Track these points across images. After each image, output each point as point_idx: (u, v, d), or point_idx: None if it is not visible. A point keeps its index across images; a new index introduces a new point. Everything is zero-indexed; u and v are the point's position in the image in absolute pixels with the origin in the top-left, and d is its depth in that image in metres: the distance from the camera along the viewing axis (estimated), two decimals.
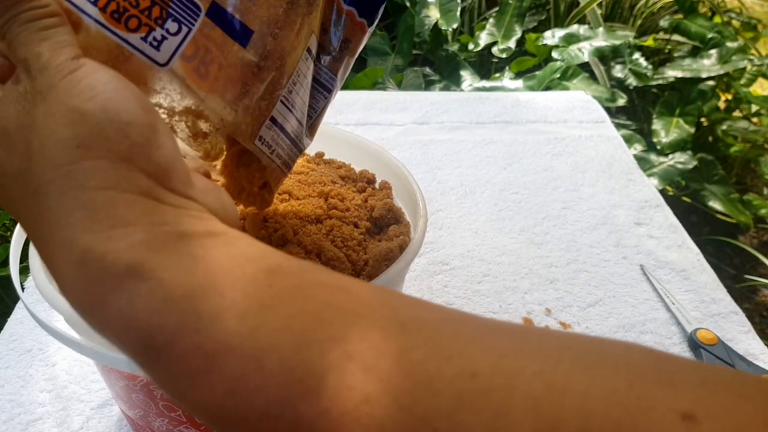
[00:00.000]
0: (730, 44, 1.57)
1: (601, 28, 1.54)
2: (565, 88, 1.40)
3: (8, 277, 0.57)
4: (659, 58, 1.81)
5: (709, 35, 1.61)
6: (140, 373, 0.32)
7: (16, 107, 0.21)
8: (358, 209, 0.42)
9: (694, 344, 0.51)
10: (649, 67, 1.57)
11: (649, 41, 1.72)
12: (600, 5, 1.75)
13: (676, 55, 1.70)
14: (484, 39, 1.65)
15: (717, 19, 1.79)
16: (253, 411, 0.17)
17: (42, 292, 0.31)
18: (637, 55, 1.59)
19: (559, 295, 0.57)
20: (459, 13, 1.67)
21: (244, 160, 0.33)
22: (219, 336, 0.17)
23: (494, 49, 1.62)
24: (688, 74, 1.52)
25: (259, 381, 0.17)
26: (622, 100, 1.50)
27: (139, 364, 0.19)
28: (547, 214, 0.68)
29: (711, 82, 1.56)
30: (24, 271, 0.44)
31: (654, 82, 1.54)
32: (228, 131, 0.30)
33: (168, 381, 0.18)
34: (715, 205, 1.42)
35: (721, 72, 1.51)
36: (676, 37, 1.73)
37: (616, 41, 1.49)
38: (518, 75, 1.48)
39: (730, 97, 1.69)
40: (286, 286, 0.19)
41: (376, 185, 0.47)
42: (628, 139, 1.45)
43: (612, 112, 1.61)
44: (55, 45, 0.22)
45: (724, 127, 1.58)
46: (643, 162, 1.42)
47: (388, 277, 0.35)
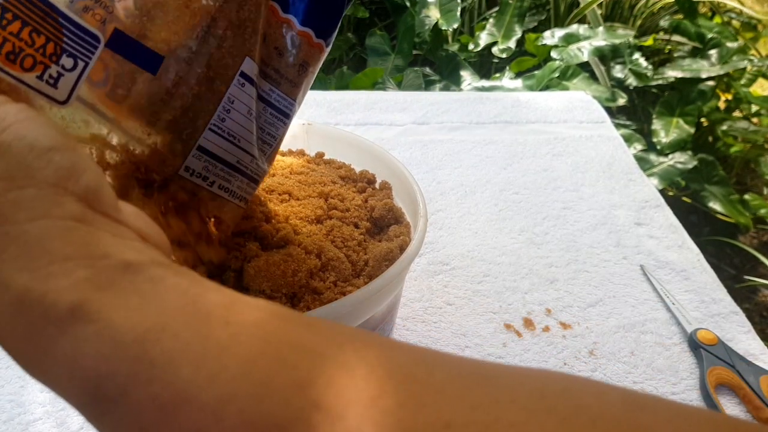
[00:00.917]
0: (730, 44, 1.57)
1: (601, 28, 1.55)
2: (565, 88, 1.40)
3: None
4: (659, 58, 1.82)
5: (709, 35, 1.61)
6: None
7: None
8: (359, 209, 0.42)
9: (694, 344, 0.51)
10: (649, 67, 1.57)
11: (649, 41, 1.72)
12: (600, 5, 1.75)
13: (676, 55, 1.70)
14: (484, 39, 1.65)
15: (717, 20, 1.79)
16: None
17: None
18: (637, 55, 1.59)
19: (559, 295, 0.57)
20: (459, 13, 1.67)
21: (174, 208, 0.31)
22: (174, 386, 0.16)
23: (494, 49, 1.62)
24: (688, 74, 1.52)
25: None
26: (622, 100, 1.50)
27: (86, 417, 0.17)
28: (547, 214, 0.68)
29: (711, 83, 1.56)
30: None
31: (654, 82, 1.54)
32: (145, 162, 0.29)
33: None
34: (715, 206, 1.42)
35: (721, 72, 1.51)
36: (676, 38, 1.73)
37: (616, 41, 1.49)
38: (518, 75, 1.48)
39: (730, 98, 1.69)
40: (243, 322, 0.17)
41: (377, 185, 0.47)
42: (628, 139, 1.45)
43: (612, 112, 1.61)
44: None
45: (724, 128, 1.58)
46: (643, 162, 1.42)
47: (388, 278, 0.35)
